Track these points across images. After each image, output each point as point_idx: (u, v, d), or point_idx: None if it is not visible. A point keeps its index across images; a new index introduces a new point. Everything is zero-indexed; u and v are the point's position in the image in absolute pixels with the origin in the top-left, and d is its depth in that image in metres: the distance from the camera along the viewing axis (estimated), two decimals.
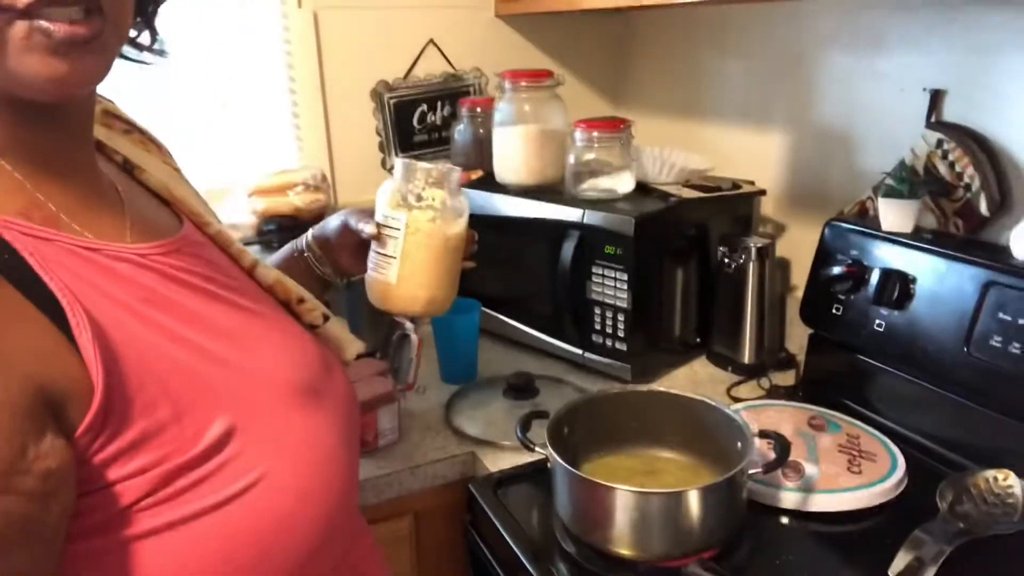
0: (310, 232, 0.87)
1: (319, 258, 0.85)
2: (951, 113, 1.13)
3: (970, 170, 1.07)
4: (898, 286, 1.06)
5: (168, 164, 0.73)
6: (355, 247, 0.83)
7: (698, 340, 1.39)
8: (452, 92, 1.66)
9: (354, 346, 0.76)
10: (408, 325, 1.19)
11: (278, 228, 1.43)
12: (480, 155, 1.45)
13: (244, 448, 0.54)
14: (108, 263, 0.54)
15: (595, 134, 1.27)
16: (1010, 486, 0.89)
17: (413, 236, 0.77)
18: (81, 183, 0.57)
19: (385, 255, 0.79)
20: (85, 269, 0.52)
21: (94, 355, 0.48)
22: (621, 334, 1.23)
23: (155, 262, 0.57)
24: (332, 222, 0.85)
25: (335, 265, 0.86)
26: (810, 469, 0.96)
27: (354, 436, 0.67)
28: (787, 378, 1.30)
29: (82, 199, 0.56)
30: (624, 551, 0.83)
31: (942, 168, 1.11)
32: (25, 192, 0.52)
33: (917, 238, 1.08)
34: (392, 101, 1.62)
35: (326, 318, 0.73)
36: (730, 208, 1.38)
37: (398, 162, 0.80)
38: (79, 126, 0.58)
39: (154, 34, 0.64)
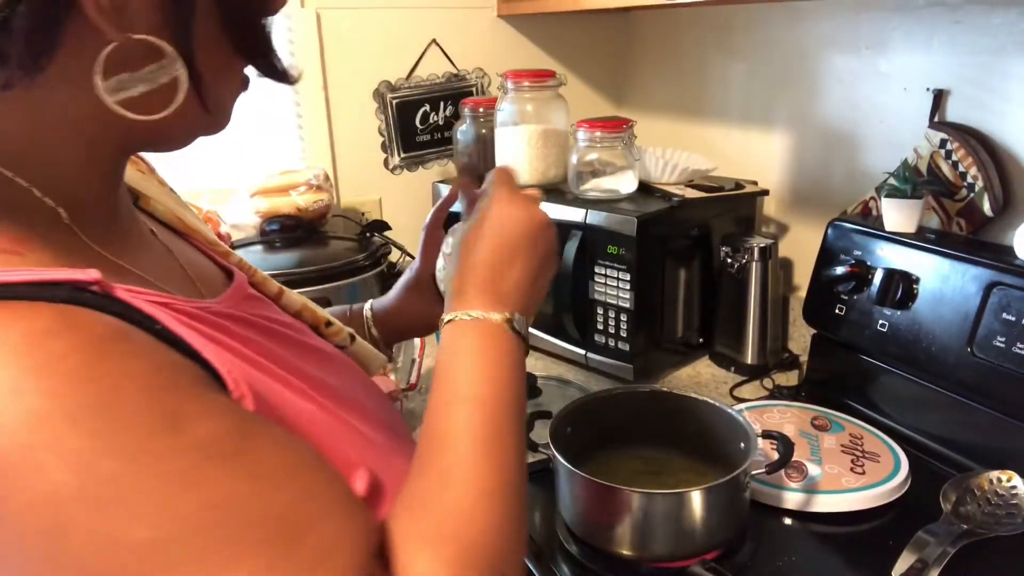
0: (371, 307, 0.84)
1: (375, 338, 0.83)
2: (954, 113, 1.12)
3: (973, 170, 1.07)
4: (901, 286, 1.06)
5: (163, 184, 0.66)
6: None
7: (700, 340, 1.39)
8: (455, 92, 1.67)
9: (378, 361, 0.76)
10: None
11: (280, 228, 1.43)
12: (482, 155, 1.45)
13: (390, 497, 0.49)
14: (222, 323, 0.48)
15: (598, 134, 1.27)
16: (1014, 487, 0.89)
17: None
18: (133, 234, 0.52)
19: None
20: (214, 332, 0.46)
21: None
22: (624, 334, 1.23)
23: (245, 312, 0.52)
24: (397, 308, 0.84)
25: (391, 341, 0.85)
26: (813, 470, 0.96)
27: None
28: (790, 378, 1.30)
29: (143, 253, 0.51)
30: (626, 552, 0.83)
31: (945, 168, 1.11)
32: (104, 260, 0.46)
33: (920, 238, 1.08)
34: (395, 101, 1.62)
35: (352, 338, 0.72)
36: (733, 208, 1.38)
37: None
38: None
39: None
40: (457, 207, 0.76)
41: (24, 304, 0.35)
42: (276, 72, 0.50)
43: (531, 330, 1.42)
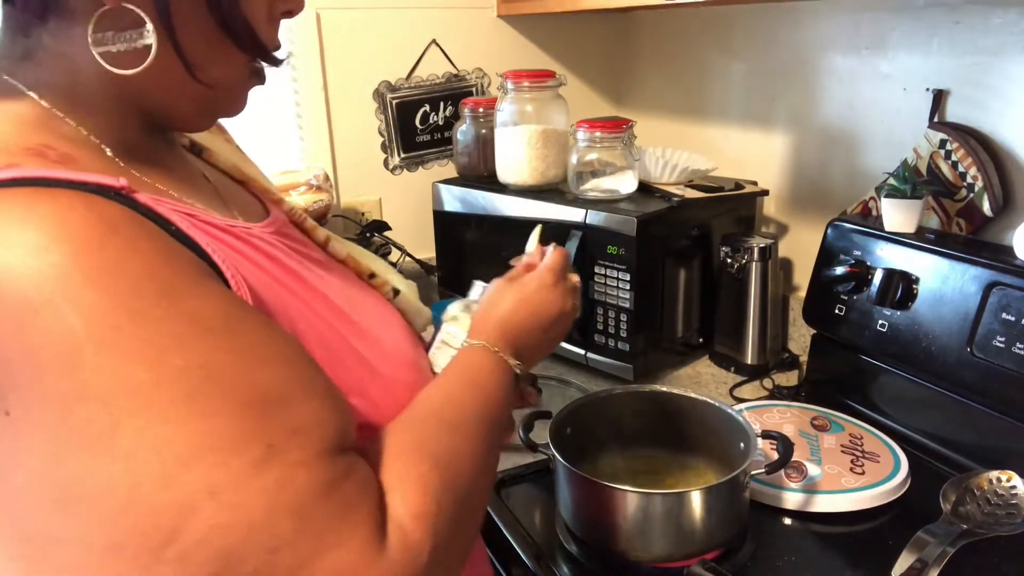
0: None
1: None
2: (954, 113, 1.12)
3: (973, 170, 1.07)
4: (901, 286, 1.06)
5: (230, 142, 0.75)
6: None
7: (700, 340, 1.39)
8: (455, 92, 1.67)
9: (422, 317, 0.78)
10: None
11: None
12: (482, 156, 1.45)
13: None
14: (251, 240, 0.55)
15: (597, 134, 1.27)
16: (1013, 487, 0.89)
17: None
18: (178, 172, 0.58)
19: None
20: (238, 243, 0.53)
21: None
22: (623, 334, 1.23)
23: (277, 240, 0.58)
24: None
25: None
26: (813, 470, 0.96)
27: None
28: (790, 378, 1.30)
29: (185, 185, 0.57)
30: (626, 552, 0.83)
31: (945, 168, 1.11)
32: (141, 181, 0.52)
33: (920, 238, 1.08)
34: (395, 101, 1.62)
35: (396, 292, 0.74)
36: (733, 208, 1.38)
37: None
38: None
39: None
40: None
41: (52, 189, 0.42)
42: (263, 53, 0.56)
43: None
